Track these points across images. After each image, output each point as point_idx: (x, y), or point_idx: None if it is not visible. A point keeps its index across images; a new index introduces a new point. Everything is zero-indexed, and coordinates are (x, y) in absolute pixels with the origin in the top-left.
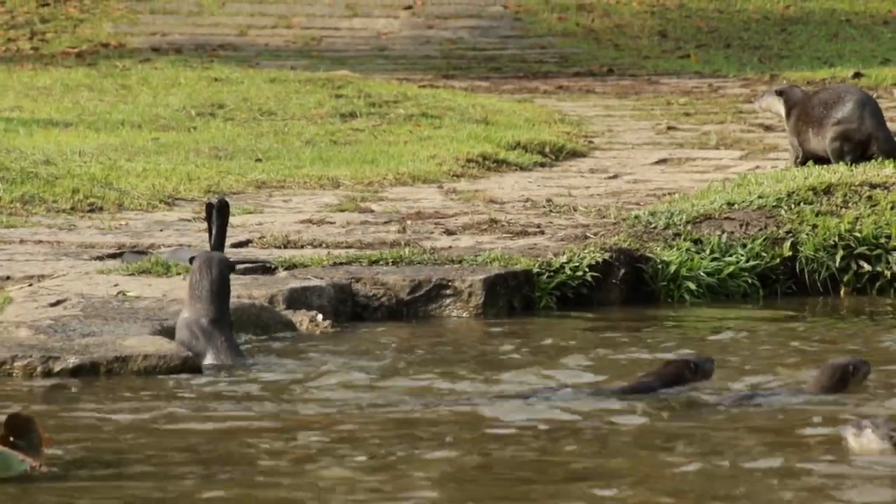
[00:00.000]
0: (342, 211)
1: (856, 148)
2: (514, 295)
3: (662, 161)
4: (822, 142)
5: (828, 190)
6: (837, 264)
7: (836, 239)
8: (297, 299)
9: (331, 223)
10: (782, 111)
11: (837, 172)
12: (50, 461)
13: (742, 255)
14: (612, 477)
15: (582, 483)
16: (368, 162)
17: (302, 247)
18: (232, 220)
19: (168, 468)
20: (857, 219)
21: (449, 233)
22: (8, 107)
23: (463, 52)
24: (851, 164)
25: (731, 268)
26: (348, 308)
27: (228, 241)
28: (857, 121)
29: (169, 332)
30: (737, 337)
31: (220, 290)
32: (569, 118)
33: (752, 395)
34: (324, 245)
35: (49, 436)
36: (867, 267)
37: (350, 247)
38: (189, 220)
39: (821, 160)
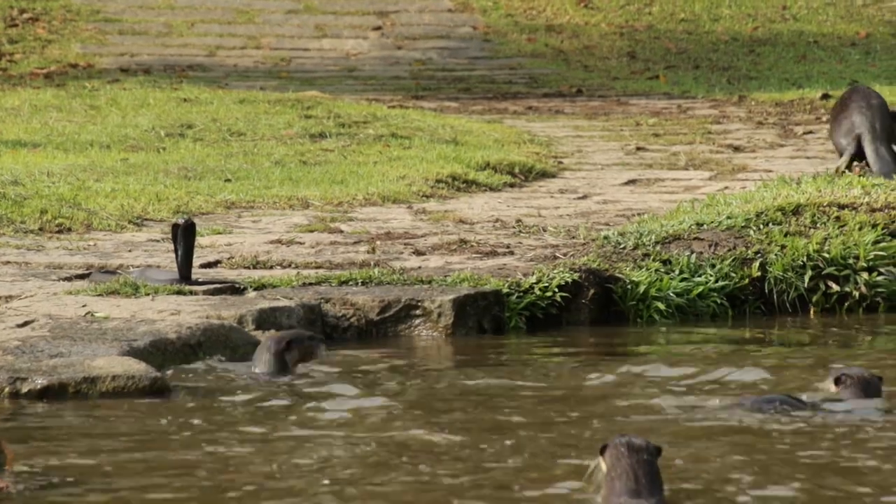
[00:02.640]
0: (312, 231)
1: (854, 147)
2: (483, 315)
3: (632, 181)
4: (835, 136)
5: (796, 210)
6: (806, 285)
7: (805, 259)
8: (267, 320)
9: (300, 243)
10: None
11: (806, 193)
12: (16, 481)
13: (711, 276)
14: None
15: None
16: (338, 182)
17: (271, 267)
18: (201, 240)
19: (135, 487)
20: (825, 239)
21: (418, 253)
22: None
23: (432, 72)
24: (851, 163)
25: (701, 288)
26: (318, 328)
27: (197, 262)
28: (852, 120)
29: (138, 353)
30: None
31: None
32: (538, 139)
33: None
34: (293, 265)
35: (14, 454)
36: (835, 287)
37: (319, 267)
38: (158, 241)
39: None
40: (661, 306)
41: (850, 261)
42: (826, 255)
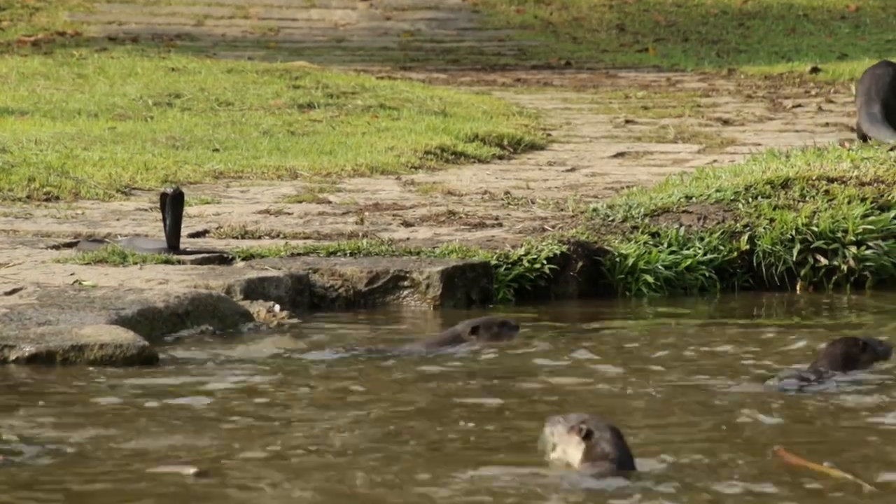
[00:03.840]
0: (300, 202)
1: (859, 127)
2: (471, 287)
3: (620, 154)
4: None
5: (785, 184)
6: (794, 258)
7: (794, 233)
8: (255, 290)
9: (288, 214)
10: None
11: (795, 166)
12: (2, 453)
13: (699, 249)
14: None
15: None
16: (326, 153)
17: (259, 237)
18: (189, 210)
19: (121, 461)
20: (814, 213)
21: (407, 224)
22: None
23: (421, 43)
24: (859, 139)
25: (689, 261)
26: (305, 299)
27: (185, 231)
28: (856, 96)
29: (125, 322)
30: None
31: None
32: (527, 111)
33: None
34: (281, 236)
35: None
36: (824, 261)
37: (308, 238)
38: (146, 210)
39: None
40: (650, 279)
41: (839, 235)
42: (815, 229)
